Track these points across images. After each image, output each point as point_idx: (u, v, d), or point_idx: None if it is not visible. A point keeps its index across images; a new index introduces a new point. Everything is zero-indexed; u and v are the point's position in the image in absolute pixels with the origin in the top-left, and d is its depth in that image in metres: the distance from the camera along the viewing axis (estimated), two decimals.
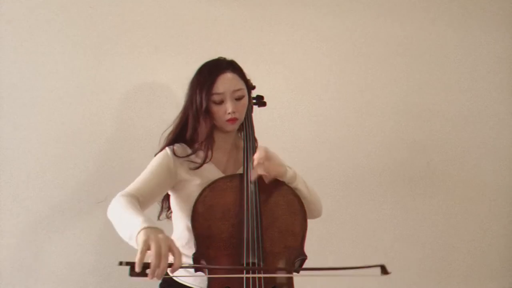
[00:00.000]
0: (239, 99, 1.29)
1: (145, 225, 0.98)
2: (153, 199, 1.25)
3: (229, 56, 1.37)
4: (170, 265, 0.95)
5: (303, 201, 1.29)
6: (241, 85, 1.30)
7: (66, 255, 1.72)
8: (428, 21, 2.18)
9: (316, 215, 1.40)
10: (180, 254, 0.96)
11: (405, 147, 2.13)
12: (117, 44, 1.79)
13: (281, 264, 1.20)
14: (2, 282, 1.67)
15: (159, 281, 1.37)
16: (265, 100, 1.54)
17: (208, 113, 1.27)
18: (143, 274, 0.92)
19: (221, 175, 1.30)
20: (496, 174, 2.24)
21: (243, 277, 1.10)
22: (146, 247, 0.92)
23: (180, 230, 1.31)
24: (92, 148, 1.75)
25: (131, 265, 0.92)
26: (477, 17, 2.23)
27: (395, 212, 2.10)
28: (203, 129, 1.28)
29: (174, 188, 1.31)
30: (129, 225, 1.01)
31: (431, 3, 2.18)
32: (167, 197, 1.39)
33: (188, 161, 1.29)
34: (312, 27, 2.04)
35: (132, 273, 0.92)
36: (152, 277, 0.92)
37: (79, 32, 1.76)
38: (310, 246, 1.26)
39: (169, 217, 1.43)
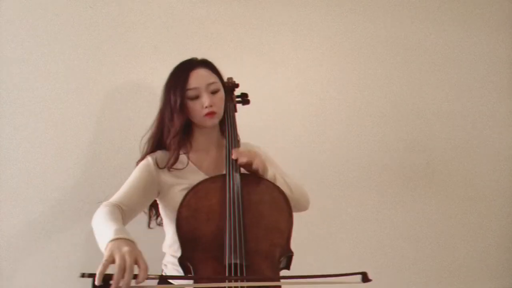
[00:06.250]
0: (214, 92, 1.29)
1: (113, 236, 0.96)
2: (138, 209, 1.25)
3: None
4: (136, 276, 0.92)
5: None
6: (215, 78, 1.31)
7: (66, 255, 1.72)
8: (428, 21, 2.18)
9: (303, 209, 1.39)
10: (146, 267, 0.92)
11: (405, 147, 2.13)
12: (117, 44, 1.79)
13: (267, 263, 1.17)
14: (2, 282, 1.67)
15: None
16: (249, 98, 1.53)
17: (183, 110, 1.26)
18: (106, 286, 0.89)
19: (203, 176, 1.29)
20: (496, 174, 2.24)
21: (224, 286, 1.08)
22: (110, 260, 0.91)
23: (170, 236, 1.31)
24: (92, 148, 1.75)
25: (93, 277, 0.89)
26: (477, 17, 2.23)
27: (395, 212, 2.10)
28: (175, 126, 1.27)
29: (160, 196, 1.30)
30: (103, 237, 1.00)
31: (431, 3, 2.19)
32: (154, 205, 1.39)
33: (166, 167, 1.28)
34: (312, 27, 2.04)
35: (95, 286, 0.89)
36: None
37: (79, 32, 1.76)
38: (310, 246, 1.26)
39: (160, 224, 1.43)
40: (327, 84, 2.05)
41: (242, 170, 1.27)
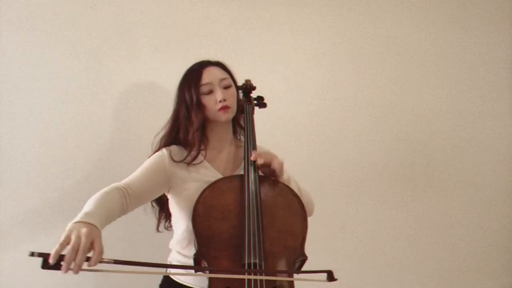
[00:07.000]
0: (227, 87, 1.32)
1: (78, 219, 0.97)
2: (145, 197, 1.25)
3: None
4: (88, 259, 0.90)
5: None
6: (227, 75, 1.34)
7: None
8: (428, 21, 2.18)
9: (309, 214, 1.41)
10: (101, 251, 0.92)
11: (405, 147, 2.13)
12: (117, 44, 1.79)
13: (281, 264, 1.19)
14: (2, 281, 1.67)
15: (159, 282, 1.37)
16: (265, 101, 1.54)
17: (200, 106, 1.29)
18: (57, 267, 0.87)
19: (217, 174, 1.31)
20: (495, 174, 2.24)
21: (244, 278, 1.10)
22: (68, 240, 0.90)
23: (180, 232, 1.31)
24: (92, 148, 1.75)
25: (44, 257, 0.87)
26: (477, 17, 2.23)
27: (395, 212, 2.10)
28: (194, 123, 1.29)
29: (172, 190, 1.30)
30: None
31: (431, 3, 2.19)
32: (164, 207, 1.39)
33: (184, 162, 1.29)
34: (312, 27, 2.04)
35: (45, 265, 0.87)
36: (66, 270, 0.88)
37: (79, 32, 1.76)
38: (310, 246, 1.26)
39: (168, 228, 1.43)
40: (327, 84, 2.05)
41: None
